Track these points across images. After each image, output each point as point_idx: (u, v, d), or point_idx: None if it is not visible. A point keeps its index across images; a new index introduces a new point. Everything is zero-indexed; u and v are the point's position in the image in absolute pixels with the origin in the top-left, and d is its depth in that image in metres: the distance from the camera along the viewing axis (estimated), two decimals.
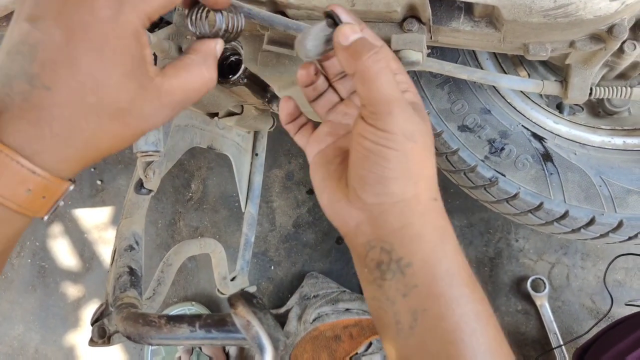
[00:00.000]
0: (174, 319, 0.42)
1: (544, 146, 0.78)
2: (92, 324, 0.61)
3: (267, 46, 0.63)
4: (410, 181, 0.41)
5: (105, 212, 1.68)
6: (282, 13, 0.58)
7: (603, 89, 0.70)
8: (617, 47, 0.59)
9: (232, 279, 1.20)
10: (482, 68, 0.81)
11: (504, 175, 0.77)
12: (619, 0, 0.51)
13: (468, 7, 0.58)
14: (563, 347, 1.24)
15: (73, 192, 1.69)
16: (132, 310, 0.52)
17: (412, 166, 0.40)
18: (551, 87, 0.68)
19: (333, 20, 0.42)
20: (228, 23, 0.42)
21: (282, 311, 1.35)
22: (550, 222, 0.77)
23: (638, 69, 0.71)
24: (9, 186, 0.33)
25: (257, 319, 0.37)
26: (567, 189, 0.75)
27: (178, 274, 1.56)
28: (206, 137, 0.99)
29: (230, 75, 0.76)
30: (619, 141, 0.80)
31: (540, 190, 0.76)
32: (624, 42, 0.60)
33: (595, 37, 0.58)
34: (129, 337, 0.46)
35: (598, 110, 0.85)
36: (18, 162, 0.32)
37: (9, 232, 0.35)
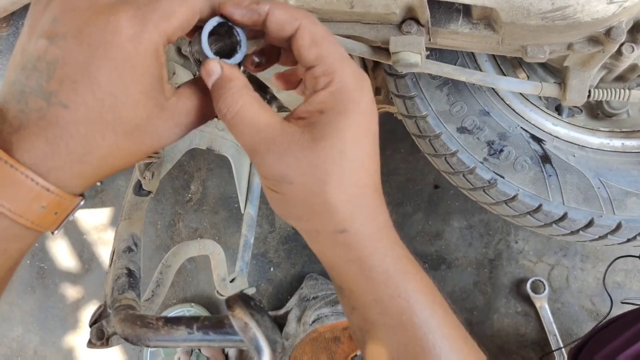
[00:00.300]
0: (171, 321, 0.42)
1: (542, 148, 0.78)
2: (91, 326, 0.61)
3: None
4: (301, 219, 0.38)
5: (105, 213, 1.68)
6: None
7: (601, 91, 0.70)
8: (615, 50, 0.59)
9: (232, 281, 1.20)
10: (481, 70, 0.81)
11: (502, 177, 0.77)
12: (616, 3, 0.51)
13: (466, 10, 0.58)
14: (563, 349, 1.24)
15: None
16: (130, 312, 0.52)
17: (297, 205, 0.37)
18: (550, 89, 0.68)
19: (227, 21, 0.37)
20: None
21: (281, 313, 1.35)
22: (549, 224, 0.77)
23: (636, 71, 0.72)
24: (23, 203, 0.33)
25: (254, 321, 0.37)
26: (565, 190, 0.75)
27: (177, 275, 1.56)
28: (205, 138, 0.99)
29: None
30: (617, 143, 0.80)
31: (539, 192, 0.76)
32: (622, 45, 0.60)
33: (593, 40, 0.58)
34: (126, 339, 0.46)
35: (597, 112, 0.85)
36: (33, 179, 0.32)
37: (21, 247, 0.35)
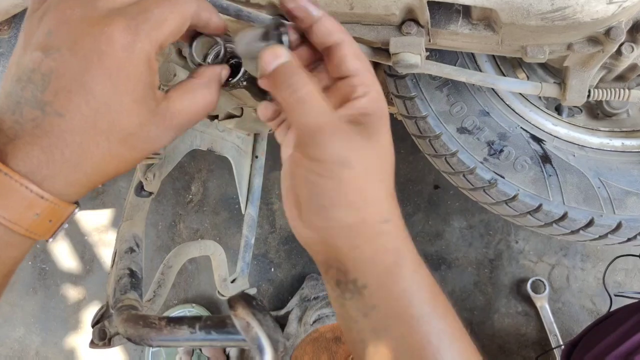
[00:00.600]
0: (174, 321, 0.42)
1: (542, 148, 0.78)
2: (93, 326, 0.61)
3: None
4: (351, 207, 0.38)
5: (106, 215, 1.69)
6: (282, 16, 0.58)
7: (601, 91, 0.71)
8: (614, 50, 0.59)
9: (233, 281, 1.20)
10: (480, 70, 0.81)
11: (503, 177, 0.77)
12: (616, 3, 0.51)
13: (466, 10, 0.58)
14: (563, 347, 1.24)
15: None
16: (133, 312, 0.52)
17: (351, 193, 0.38)
18: (549, 89, 0.68)
19: (278, 28, 0.41)
20: (226, 50, 0.43)
21: (282, 313, 1.36)
22: (549, 224, 0.78)
23: (636, 71, 0.72)
24: (17, 211, 0.33)
25: (256, 320, 0.37)
26: (565, 190, 0.76)
27: (178, 276, 1.57)
28: (206, 139, 0.99)
29: (230, 78, 0.76)
30: (617, 143, 0.80)
31: (539, 192, 0.76)
32: (621, 45, 0.60)
33: (593, 40, 0.58)
34: (129, 339, 0.47)
35: (597, 112, 0.85)
36: (27, 187, 0.33)
37: (15, 255, 0.36)
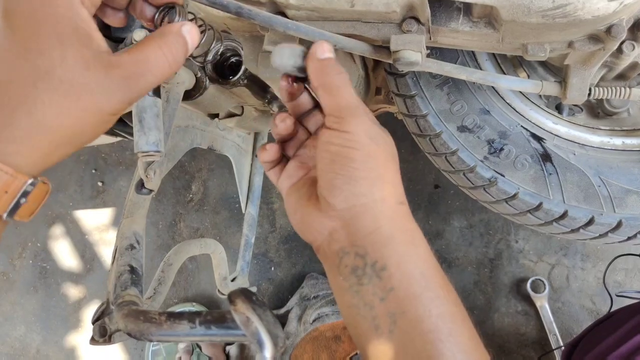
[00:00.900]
0: (174, 316, 0.42)
1: (543, 146, 0.78)
2: (93, 323, 0.61)
3: (267, 47, 0.63)
4: (376, 182, 0.42)
5: (106, 214, 1.69)
6: (282, 14, 0.59)
7: (602, 89, 0.70)
8: (615, 48, 0.59)
9: (233, 280, 1.21)
10: (481, 69, 0.82)
11: (503, 176, 0.77)
12: (617, 1, 0.51)
13: (467, 8, 0.58)
14: (562, 347, 1.24)
15: (74, 194, 1.70)
16: (133, 307, 0.52)
17: (377, 167, 0.42)
18: (550, 87, 0.68)
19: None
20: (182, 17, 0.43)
21: (282, 312, 1.36)
22: (550, 222, 0.78)
23: (637, 70, 0.72)
24: None
25: (256, 315, 0.37)
26: (566, 189, 0.76)
27: (179, 274, 1.57)
28: (207, 138, 0.99)
29: (231, 76, 0.76)
30: (618, 141, 0.80)
31: (539, 190, 0.76)
32: (622, 43, 0.60)
33: (593, 38, 0.58)
34: (129, 334, 0.47)
35: (597, 110, 0.85)
36: None
37: None
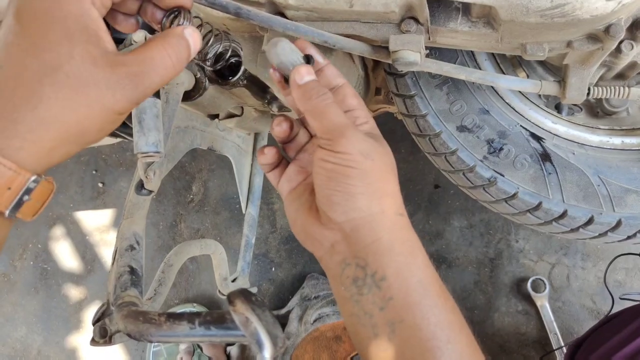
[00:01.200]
0: (173, 317, 0.42)
1: (542, 146, 0.78)
2: (94, 324, 0.61)
3: (267, 47, 0.63)
4: (374, 196, 0.43)
5: (107, 215, 1.69)
6: (281, 14, 0.59)
7: (601, 89, 0.71)
8: (614, 47, 0.59)
9: (233, 280, 1.21)
10: (480, 69, 0.82)
11: (502, 175, 0.77)
12: (615, 0, 0.51)
13: (466, 8, 0.58)
14: (563, 347, 1.24)
15: (75, 195, 1.70)
16: (133, 308, 0.52)
17: (374, 182, 0.43)
18: (549, 87, 0.68)
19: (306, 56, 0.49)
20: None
21: (283, 312, 1.36)
22: (549, 222, 0.78)
23: (636, 69, 0.72)
24: None
25: (255, 315, 0.37)
26: (565, 188, 0.76)
27: (179, 275, 1.57)
28: (207, 138, 0.99)
29: (230, 77, 0.76)
30: (617, 141, 0.80)
31: (538, 190, 0.76)
32: (621, 42, 0.60)
33: (592, 37, 0.58)
34: (129, 335, 0.47)
35: (596, 110, 0.85)
36: None
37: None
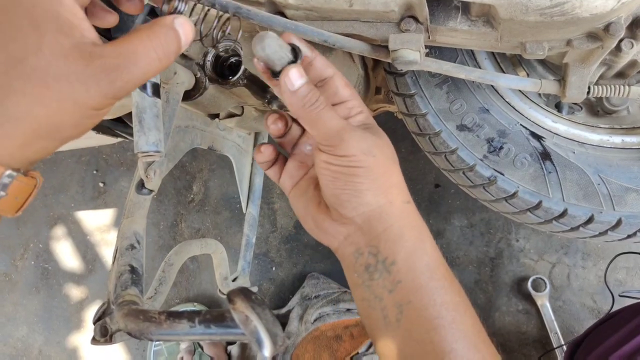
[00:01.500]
0: (173, 315, 0.42)
1: (542, 145, 0.78)
2: (95, 323, 0.61)
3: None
4: (380, 190, 0.45)
5: (108, 214, 1.69)
6: (281, 14, 0.59)
7: (601, 87, 0.70)
8: (614, 46, 0.59)
9: (234, 280, 1.21)
10: (480, 68, 0.82)
11: (502, 174, 0.77)
12: None
13: (465, 7, 0.58)
14: (564, 346, 1.24)
15: (75, 195, 1.70)
16: (133, 307, 0.52)
17: (379, 177, 0.45)
18: (549, 86, 0.68)
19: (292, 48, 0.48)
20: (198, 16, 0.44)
21: (283, 311, 1.36)
22: (549, 221, 0.78)
23: (636, 68, 0.72)
24: None
25: (255, 314, 0.37)
26: (565, 187, 0.76)
27: (180, 275, 1.57)
28: (207, 138, 0.99)
29: (230, 76, 0.76)
30: (617, 140, 0.80)
31: (538, 188, 0.76)
32: (621, 41, 0.60)
33: (592, 36, 0.58)
34: (129, 334, 0.47)
35: (597, 109, 0.85)
36: None
37: None
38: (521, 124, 0.80)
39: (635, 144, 0.80)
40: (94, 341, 0.61)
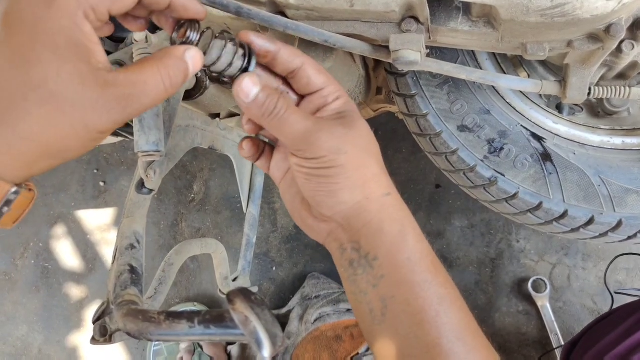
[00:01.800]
0: (173, 315, 0.42)
1: (543, 146, 0.78)
2: (94, 323, 0.61)
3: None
4: (356, 186, 0.44)
5: (108, 214, 1.69)
6: (282, 14, 0.59)
7: (602, 88, 0.70)
8: (615, 47, 0.59)
9: (234, 280, 1.21)
10: (481, 68, 0.82)
11: (503, 175, 0.77)
12: (615, 0, 0.51)
13: (466, 7, 0.58)
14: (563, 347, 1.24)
15: (76, 194, 1.70)
16: (133, 307, 0.53)
17: (353, 173, 0.44)
18: (550, 87, 0.68)
19: (244, 47, 0.44)
20: (209, 43, 0.42)
21: (283, 312, 1.36)
22: (550, 222, 0.78)
23: (637, 69, 0.72)
24: None
25: (254, 314, 0.37)
26: (566, 188, 0.76)
27: (180, 274, 1.57)
28: (208, 137, 0.99)
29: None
30: (618, 141, 0.80)
31: (539, 189, 0.76)
32: (621, 42, 0.60)
33: (593, 37, 0.58)
34: (129, 334, 0.47)
35: (597, 110, 0.85)
36: None
37: None
38: (522, 125, 0.80)
39: (636, 145, 0.80)
40: (94, 341, 0.61)
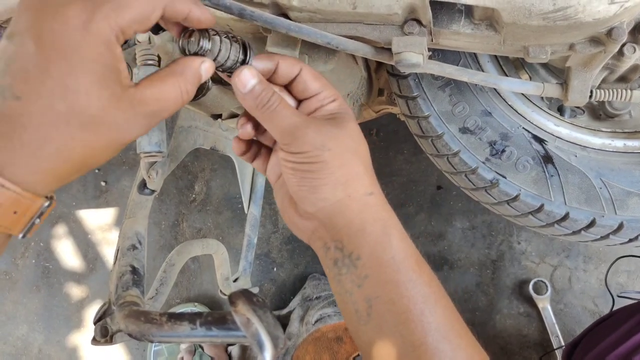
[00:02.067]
0: (175, 317, 0.42)
1: (544, 148, 0.78)
2: (95, 323, 0.61)
3: (270, 48, 0.63)
4: (337, 183, 0.45)
5: (109, 213, 1.69)
6: (285, 16, 0.59)
7: (603, 91, 0.71)
8: (616, 50, 0.59)
9: (235, 280, 1.21)
10: (483, 71, 0.82)
11: (504, 177, 0.77)
12: (617, 4, 0.51)
13: (468, 10, 0.58)
14: (564, 348, 1.24)
15: (77, 194, 1.71)
16: (134, 308, 0.53)
17: (335, 171, 0.44)
18: (552, 89, 0.68)
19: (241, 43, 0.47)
20: (218, 48, 0.44)
21: (284, 312, 1.36)
22: (551, 224, 0.78)
23: (638, 72, 0.72)
24: None
25: (256, 316, 0.37)
26: (567, 191, 0.76)
27: (181, 275, 1.57)
28: (209, 138, 0.99)
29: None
30: (619, 143, 0.80)
31: (540, 192, 0.76)
32: (623, 45, 0.60)
33: (594, 40, 0.58)
34: (130, 335, 0.47)
35: (599, 113, 0.85)
36: None
37: None
38: (523, 127, 0.80)
39: (637, 147, 0.80)
40: (94, 341, 0.61)
